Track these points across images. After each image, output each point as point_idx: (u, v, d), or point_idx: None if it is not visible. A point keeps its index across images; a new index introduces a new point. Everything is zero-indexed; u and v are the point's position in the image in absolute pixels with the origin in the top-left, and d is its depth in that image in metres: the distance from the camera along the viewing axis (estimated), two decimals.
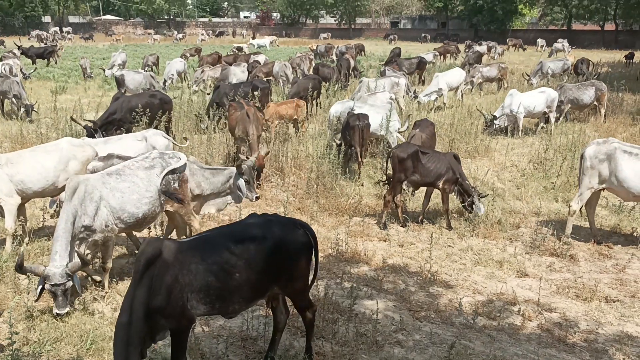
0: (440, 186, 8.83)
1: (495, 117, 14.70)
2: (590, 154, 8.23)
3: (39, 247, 7.55)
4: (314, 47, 39.54)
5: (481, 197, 8.92)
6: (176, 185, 6.72)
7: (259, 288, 4.73)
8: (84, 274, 6.66)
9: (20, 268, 5.39)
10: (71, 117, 11.52)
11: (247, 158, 9.88)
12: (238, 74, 20.49)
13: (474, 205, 8.81)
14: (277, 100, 16.75)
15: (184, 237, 7.03)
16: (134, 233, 7.42)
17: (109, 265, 6.48)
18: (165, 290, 4.26)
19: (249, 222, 4.93)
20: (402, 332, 5.93)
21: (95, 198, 6.05)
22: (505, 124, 14.91)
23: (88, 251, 6.18)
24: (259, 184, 9.98)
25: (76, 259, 5.80)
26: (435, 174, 8.77)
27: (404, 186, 9.01)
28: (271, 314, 5.31)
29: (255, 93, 14.49)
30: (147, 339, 4.37)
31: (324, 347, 5.51)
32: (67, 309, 5.72)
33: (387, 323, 6.07)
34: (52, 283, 5.58)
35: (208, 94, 17.09)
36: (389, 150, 9.08)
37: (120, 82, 18.41)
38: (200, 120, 14.03)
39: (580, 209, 8.60)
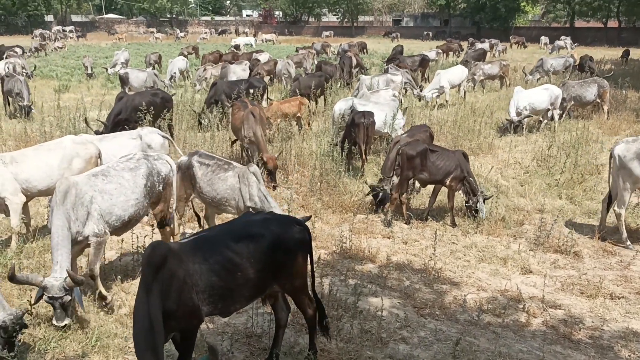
0: (447, 183, 8.83)
1: (514, 121, 14.61)
2: (619, 153, 8.07)
3: (44, 244, 7.56)
4: (311, 45, 39.55)
5: (485, 199, 8.90)
6: (160, 188, 6.58)
7: (260, 286, 4.73)
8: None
9: (12, 279, 5.07)
10: (84, 120, 11.54)
11: (261, 159, 9.89)
12: (238, 72, 20.42)
13: (478, 205, 8.80)
14: (278, 99, 16.74)
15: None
16: None
17: (97, 271, 6.04)
18: (175, 292, 4.25)
19: (247, 221, 4.91)
20: (407, 329, 5.93)
21: (85, 202, 5.83)
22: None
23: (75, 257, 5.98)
24: (275, 186, 9.96)
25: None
26: (443, 172, 8.77)
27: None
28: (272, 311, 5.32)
29: (252, 91, 14.50)
30: None
31: (328, 344, 5.51)
32: (66, 321, 5.40)
33: (391, 320, 6.07)
34: (50, 295, 5.30)
35: None
36: (399, 147, 9.08)
37: (124, 80, 18.45)
38: (201, 118, 14.12)
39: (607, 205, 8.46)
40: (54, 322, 5.43)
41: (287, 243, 4.76)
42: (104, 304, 6.03)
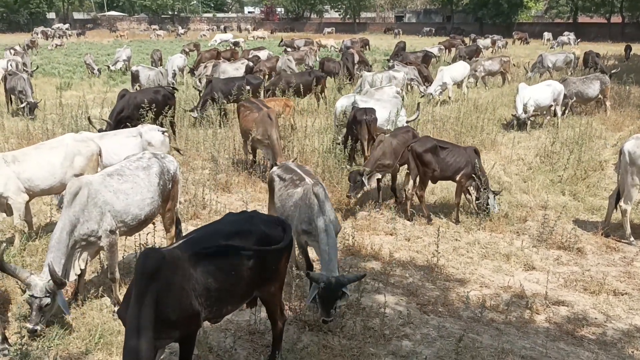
0: (457, 180, 8.82)
1: (520, 118, 14.51)
2: (629, 149, 8.00)
3: (47, 242, 7.55)
4: (291, 41, 39.55)
5: (495, 194, 8.87)
6: (170, 186, 6.56)
7: (250, 285, 4.68)
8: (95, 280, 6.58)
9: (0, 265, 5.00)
10: (88, 119, 11.53)
11: (276, 164, 9.79)
12: (229, 71, 19.78)
13: (488, 202, 8.77)
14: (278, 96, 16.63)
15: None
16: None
17: (117, 275, 6.04)
18: (174, 300, 4.13)
19: (233, 219, 4.85)
20: (410, 326, 5.93)
21: (99, 203, 5.74)
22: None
23: (89, 258, 5.94)
24: None
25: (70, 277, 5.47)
26: (454, 168, 8.77)
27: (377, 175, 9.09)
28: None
29: (248, 88, 14.47)
30: None
31: (331, 341, 5.51)
32: (39, 327, 5.19)
33: (394, 317, 6.06)
34: (31, 294, 5.18)
35: None
36: (408, 145, 9.09)
37: (135, 77, 18.59)
38: (194, 112, 14.31)
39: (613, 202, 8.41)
40: (26, 323, 5.24)
41: (275, 241, 4.74)
42: (115, 309, 5.99)
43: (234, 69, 19.92)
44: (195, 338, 4.52)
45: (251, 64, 20.99)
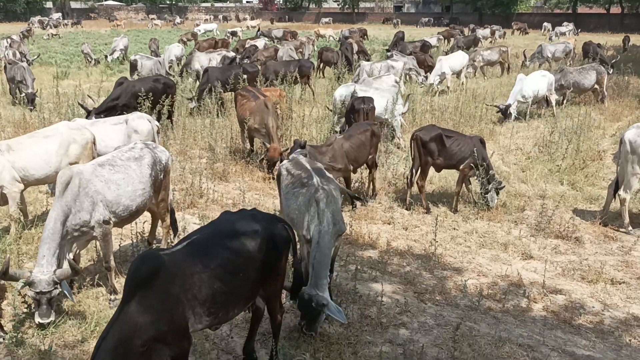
0: (461, 168, 8.80)
1: (509, 106, 14.44)
2: (630, 138, 7.97)
3: (42, 230, 7.51)
4: (268, 31, 39.43)
5: (499, 189, 8.81)
6: (162, 176, 6.50)
7: (256, 285, 4.60)
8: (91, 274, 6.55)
9: (5, 274, 4.91)
10: (88, 96, 11.37)
11: (267, 149, 9.78)
12: (202, 60, 19.41)
13: (488, 195, 8.73)
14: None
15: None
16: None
17: (112, 263, 6.03)
18: (167, 312, 3.89)
19: (234, 218, 4.73)
20: (407, 314, 5.92)
21: (90, 192, 5.67)
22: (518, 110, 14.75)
23: (78, 249, 5.89)
24: (271, 172, 9.86)
25: (65, 266, 5.32)
26: (458, 157, 8.75)
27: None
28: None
29: (245, 77, 14.39)
30: None
31: (328, 329, 5.50)
32: (51, 318, 5.29)
33: (391, 305, 6.06)
34: (37, 290, 5.14)
35: None
36: (412, 133, 9.06)
37: (133, 66, 18.55)
38: (191, 100, 14.31)
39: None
40: (37, 319, 5.25)
41: (278, 239, 4.69)
42: (111, 297, 5.97)
43: (207, 60, 19.45)
44: (187, 358, 4.17)
45: (231, 54, 20.35)
